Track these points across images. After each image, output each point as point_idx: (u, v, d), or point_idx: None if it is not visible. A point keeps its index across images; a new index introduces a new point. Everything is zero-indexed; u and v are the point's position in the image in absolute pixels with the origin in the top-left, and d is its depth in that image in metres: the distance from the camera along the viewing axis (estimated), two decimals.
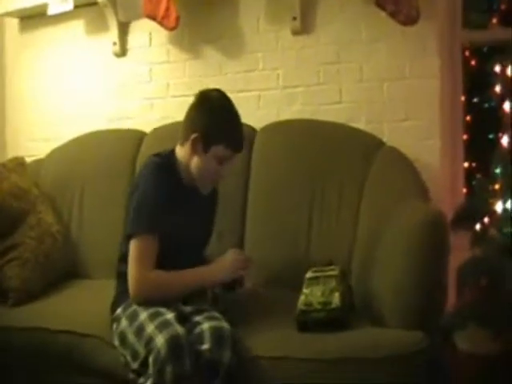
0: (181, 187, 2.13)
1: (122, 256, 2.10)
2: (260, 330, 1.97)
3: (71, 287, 2.62)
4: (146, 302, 1.95)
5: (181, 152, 2.14)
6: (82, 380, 2.15)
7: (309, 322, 1.88)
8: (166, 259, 2.01)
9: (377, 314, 1.86)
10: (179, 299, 2.03)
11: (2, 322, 2.31)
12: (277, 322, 2.02)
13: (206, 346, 1.83)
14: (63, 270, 2.71)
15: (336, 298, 1.86)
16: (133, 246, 1.99)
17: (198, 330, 1.89)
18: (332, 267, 2.00)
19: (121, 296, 2.07)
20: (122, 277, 2.10)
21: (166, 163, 2.11)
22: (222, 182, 2.22)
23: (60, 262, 2.69)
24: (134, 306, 1.96)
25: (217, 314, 1.99)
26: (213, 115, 2.10)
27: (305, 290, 1.94)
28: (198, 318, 1.95)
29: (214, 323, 1.90)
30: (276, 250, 2.47)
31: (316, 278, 1.97)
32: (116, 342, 1.97)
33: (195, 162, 2.10)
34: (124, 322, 1.95)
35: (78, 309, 2.33)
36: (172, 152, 2.17)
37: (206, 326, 1.89)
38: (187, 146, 2.10)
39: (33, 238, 2.57)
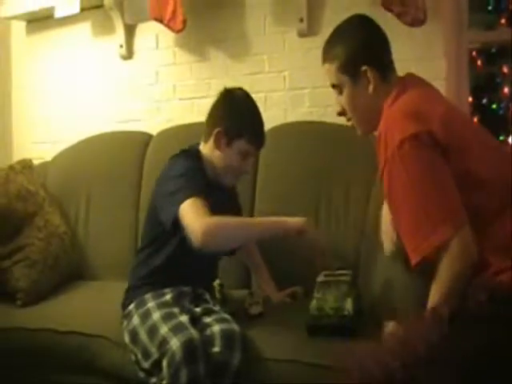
0: (207, 182, 2.11)
1: (141, 249, 2.14)
2: (269, 332, 1.98)
3: (78, 288, 2.63)
4: (213, 244, 1.89)
5: (204, 149, 2.17)
6: (89, 381, 2.16)
7: (320, 327, 1.88)
8: (183, 258, 2.03)
9: (386, 320, 1.81)
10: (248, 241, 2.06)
11: (10, 323, 2.32)
12: (285, 324, 2.02)
13: (216, 349, 1.84)
14: (70, 272, 2.72)
15: (348, 305, 1.86)
16: (184, 210, 1.88)
17: (208, 332, 1.90)
18: (343, 272, 1.98)
19: (133, 291, 2.09)
20: (136, 271, 2.13)
21: (195, 157, 2.13)
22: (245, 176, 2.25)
23: (67, 264, 2.70)
24: (148, 305, 1.97)
25: (227, 316, 2.00)
26: (235, 110, 2.14)
27: (316, 294, 1.93)
28: (208, 320, 1.96)
29: (224, 326, 1.92)
30: (283, 252, 2.46)
31: (327, 282, 1.94)
32: (126, 339, 1.98)
33: (218, 156, 2.12)
34: (136, 320, 1.95)
35: (85, 310, 2.35)
36: (197, 148, 2.19)
37: (216, 328, 1.90)
38: (211, 141, 2.13)
39: (41, 240, 2.58)
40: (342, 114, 1.87)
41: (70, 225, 2.85)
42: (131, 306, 2.03)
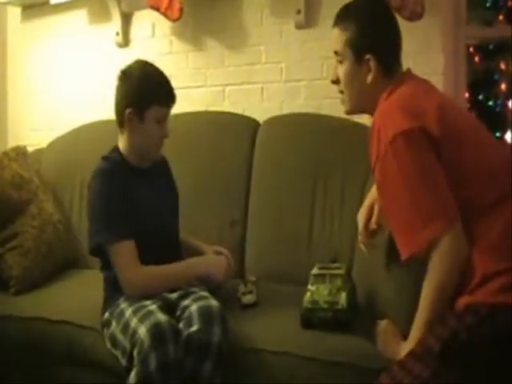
0: (135, 177, 2.13)
1: (104, 263, 2.12)
2: (262, 323, 1.98)
3: (72, 277, 2.62)
4: (140, 294, 1.98)
5: (122, 140, 2.15)
6: (80, 371, 2.15)
7: (314, 320, 1.88)
8: (145, 250, 2.03)
9: (380, 314, 1.82)
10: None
11: (2, 311, 2.31)
12: (279, 315, 2.02)
13: (194, 328, 1.83)
14: (64, 260, 2.71)
15: (343, 299, 1.85)
16: (112, 254, 2.01)
17: (187, 313, 1.89)
18: (338, 265, 1.98)
19: (108, 302, 2.08)
20: (106, 282, 2.13)
21: (111, 164, 2.11)
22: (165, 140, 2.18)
23: (61, 252, 2.69)
24: (121, 306, 1.97)
25: (205, 293, 2.00)
26: (134, 84, 2.08)
27: (310, 287, 1.92)
28: (186, 302, 1.96)
29: (201, 303, 1.91)
30: (278, 245, 2.47)
31: (322, 275, 1.94)
32: (108, 345, 1.99)
33: (138, 137, 2.10)
34: (113, 324, 1.95)
35: (78, 299, 2.34)
36: (115, 148, 2.17)
37: (194, 307, 1.90)
38: (126, 129, 2.10)
39: (34, 227, 2.57)
40: (335, 82, 1.83)
41: (64, 213, 2.84)
42: (106, 315, 2.02)
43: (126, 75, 2.12)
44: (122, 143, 2.15)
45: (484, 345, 1.38)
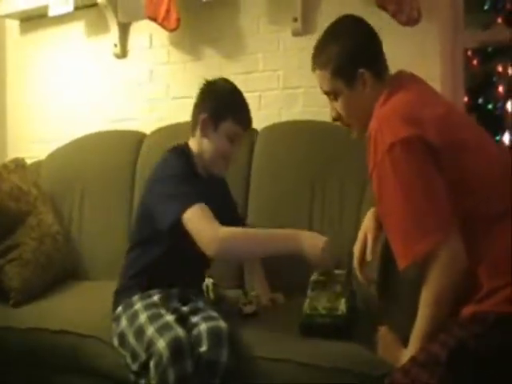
0: (198, 180, 2.12)
1: (130, 248, 2.13)
2: (262, 331, 1.97)
3: (71, 288, 2.62)
4: (227, 255, 1.96)
5: (193, 143, 2.16)
6: (82, 381, 2.15)
7: (313, 327, 1.87)
8: (173, 259, 2.03)
9: (380, 320, 1.80)
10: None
11: (2, 323, 2.31)
12: (279, 323, 2.01)
13: (203, 348, 1.83)
14: (63, 271, 2.71)
15: (342, 305, 1.84)
16: (193, 216, 1.90)
17: (195, 331, 1.89)
18: (337, 271, 1.97)
19: (121, 293, 2.07)
20: (125, 270, 2.12)
21: (177, 153, 2.11)
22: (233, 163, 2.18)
23: (60, 263, 2.69)
24: (135, 307, 1.96)
25: (214, 313, 1.98)
26: (217, 94, 2.13)
27: (309, 294, 1.92)
28: (195, 319, 1.95)
29: (211, 323, 1.90)
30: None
31: (321, 281, 1.93)
32: (115, 343, 1.97)
33: (206, 144, 2.11)
34: (124, 322, 1.95)
35: (78, 310, 2.33)
36: (186, 145, 2.18)
37: (203, 327, 1.89)
38: (197, 131, 2.12)
39: (34, 239, 2.57)
40: (336, 119, 1.83)
41: (63, 224, 2.84)
42: (119, 309, 2.01)
43: (211, 83, 2.18)
44: (193, 145, 2.16)
45: (491, 354, 1.36)
